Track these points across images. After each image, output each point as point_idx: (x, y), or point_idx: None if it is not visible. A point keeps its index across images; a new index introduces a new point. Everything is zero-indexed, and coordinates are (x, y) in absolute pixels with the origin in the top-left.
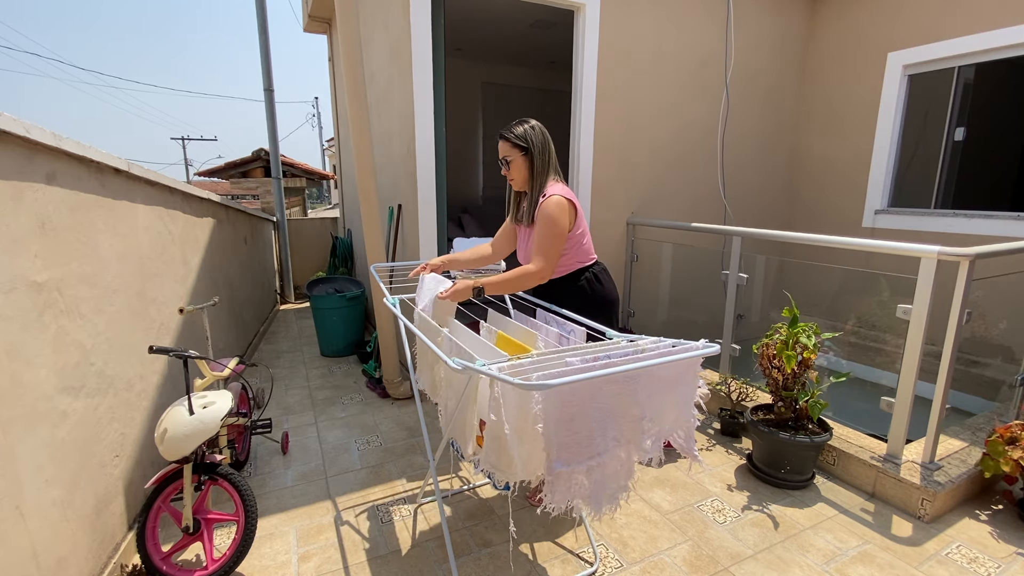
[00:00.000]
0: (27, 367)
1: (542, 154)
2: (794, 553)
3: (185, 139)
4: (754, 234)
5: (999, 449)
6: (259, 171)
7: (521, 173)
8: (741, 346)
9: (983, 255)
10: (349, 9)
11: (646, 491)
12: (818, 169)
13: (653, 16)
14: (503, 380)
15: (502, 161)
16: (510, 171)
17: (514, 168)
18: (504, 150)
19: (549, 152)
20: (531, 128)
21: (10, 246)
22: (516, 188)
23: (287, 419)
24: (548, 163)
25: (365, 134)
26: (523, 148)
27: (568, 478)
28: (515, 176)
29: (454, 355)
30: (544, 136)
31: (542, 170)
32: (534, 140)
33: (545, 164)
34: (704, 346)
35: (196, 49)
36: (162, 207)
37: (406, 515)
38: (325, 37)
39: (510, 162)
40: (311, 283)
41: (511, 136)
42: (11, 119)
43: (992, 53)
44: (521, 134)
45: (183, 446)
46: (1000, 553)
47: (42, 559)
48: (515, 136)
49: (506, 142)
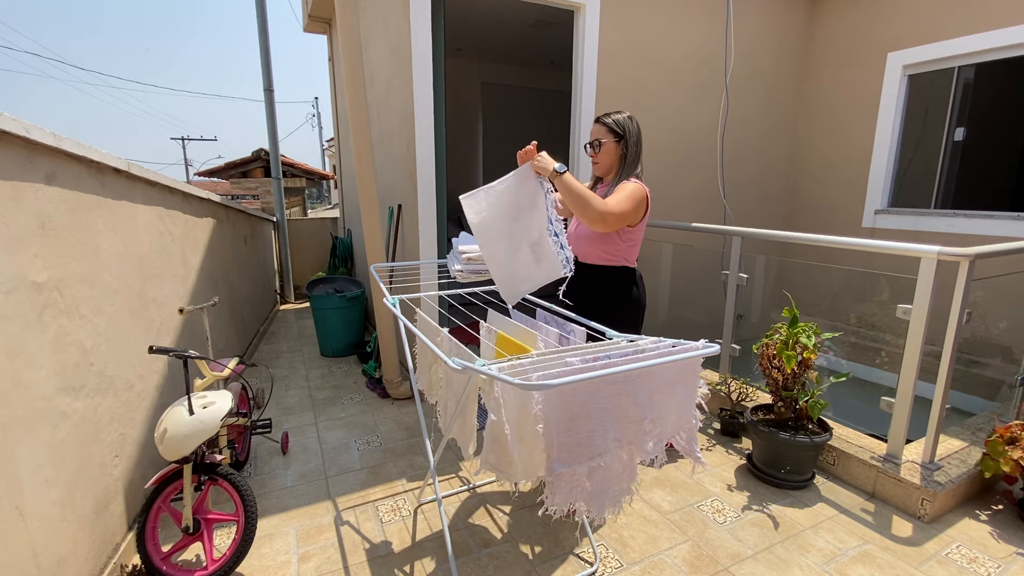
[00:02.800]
0: (27, 367)
1: (635, 145)
2: (794, 553)
3: (185, 139)
4: (754, 234)
5: (999, 449)
6: (259, 171)
7: (609, 158)
8: (741, 346)
9: (983, 255)
10: (349, 9)
11: (646, 491)
12: (818, 169)
13: (653, 16)
14: (503, 380)
15: (592, 144)
16: (598, 154)
17: (603, 152)
18: (598, 132)
19: (640, 146)
20: (628, 118)
21: (10, 246)
22: (598, 173)
23: (287, 419)
24: (637, 157)
25: (365, 134)
26: (618, 135)
27: (569, 479)
28: (601, 160)
29: (453, 355)
30: (639, 130)
31: (632, 161)
32: (630, 130)
33: (636, 156)
34: (704, 346)
35: (196, 49)
36: (162, 207)
37: (406, 515)
38: (325, 37)
39: (602, 144)
40: (311, 283)
41: (608, 120)
42: (11, 119)
43: (992, 53)
44: (620, 121)
45: (183, 446)
46: (1000, 553)
47: (42, 559)
48: (612, 121)
49: (602, 125)
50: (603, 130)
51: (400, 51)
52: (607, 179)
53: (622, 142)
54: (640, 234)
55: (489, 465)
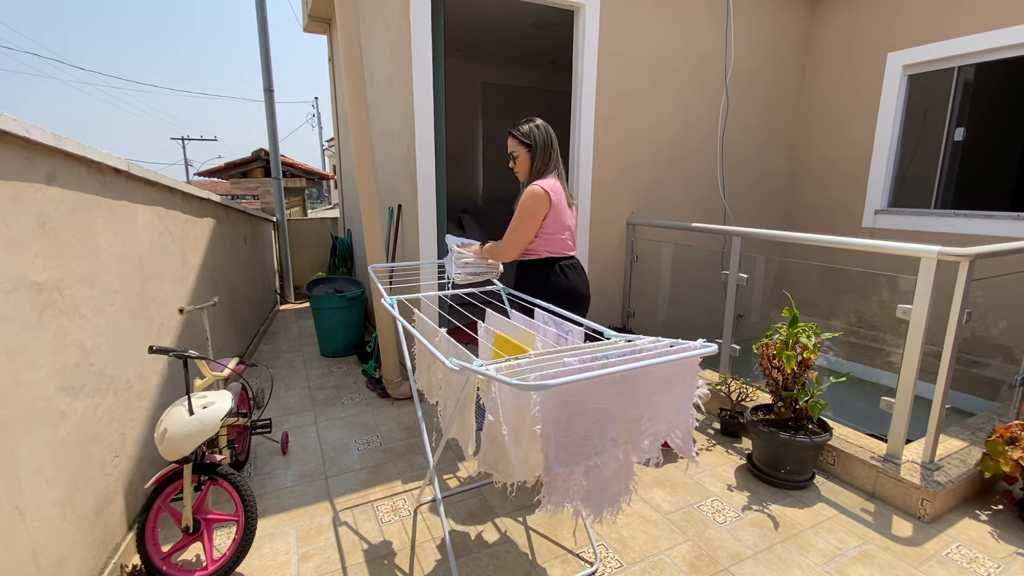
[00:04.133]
0: (27, 367)
1: (543, 150)
2: (794, 553)
3: (185, 139)
4: (754, 234)
5: (999, 449)
6: (259, 171)
7: (524, 166)
8: (741, 346)
9: (983, 255)
10: (349, 9)
11: (646, 491)
12: (818, 169)
13: (653, 16)
14: (501, 381)
15: (510, 155)
16: (516, 165)
17: (519, 163)
18: (511, 146)
19: (551, 150)
20: (536, 127)
21: (10, 246)
22: (520, 179)
23: (287, 419)
24: (548, 160)
25: (365, 134)
26: (527, 145)
27: (566, 479)
28: (520, 169)
29: (452, 356)
30: (547, 134)
31: (540, 167)
32: (536, 138)
33: (544, 161)
34: (702, 346)
35: (196, 49)
36: (162, 207)
37: (406, 515)
38: (325, 37)
39: (516, 157)
40: (311, 283)
41: (517, 133)
42: (11, 119)
43: (992, 53)
44: (526, 132)
45: (183, 446)
46: (1000, 553)
47: (42, 559)
48: (520, 133)
49: (513, 139)
50: (514, 143)
51: (400, 51)
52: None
53: (531, 150)
54: (552, 227)
55: (487, 465)
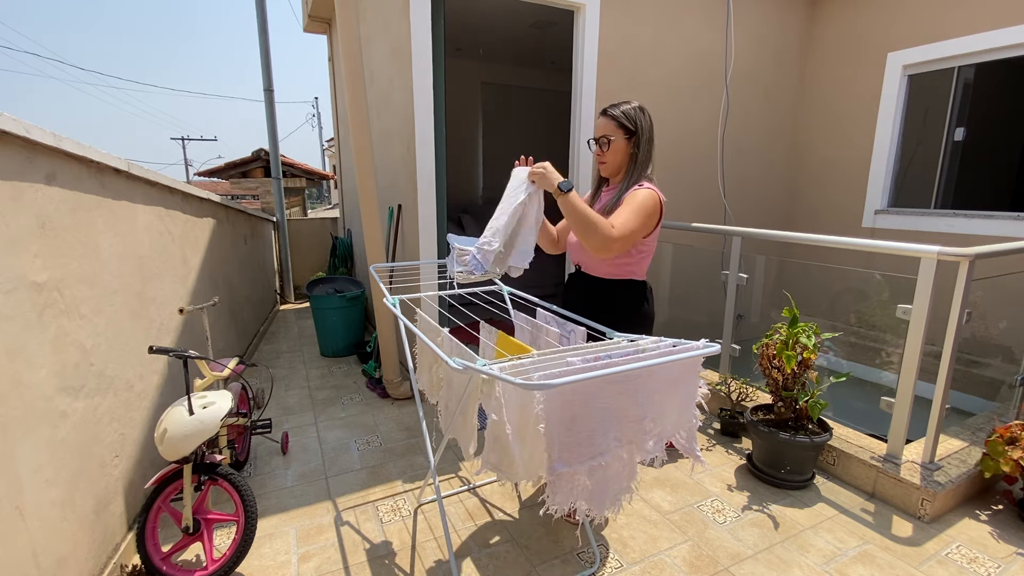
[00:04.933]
0: (27, 367)
1: (648, 141)
2: (794, 553)
3: (185, 139)
4: (754, 234)
5: (999, 449)
6: (259, 171)
7: (618, 157)
8: (741, 346)
9: (983, 255)
10: (349, 9)
11: (646, 491)
12: (818, 169)
13: (653, 16)
14: (505, 380)
15: (599, 140)
16: (606, 153)
17: (612, 151)
18: (606, 128)
19: (653, 143)
20: (640, 110)
21: (10, 246)
22: (605, 174)
23: (287, 419)
24: (650, 154)
25: (365, 134)
26: (629, 130)
27: (570, 479)
28: (609, 160)
29: (454, 355)
30: (652, 124)
31: (644, 160)
32: (643, 124)
33: (647, 154)
34: (704, 346)
35: (196, 49)
36: (162, 207)
37: (406, 515)
38: (325, 37)
39: (611, 142)
40: (311, 283)
41: (618, 114)
42: (11, 119)
43: (992, 53)
44: (630, 113)
45: (183, 446)
46: (1000, 553)
47: (42, 559)
48: (622, 114)
49: (610, 120)
50: (612, 125)
51: (400, 51)
52: (614, 180)
53: (633, 139)
54: (652, 245)
55: (490, 465)
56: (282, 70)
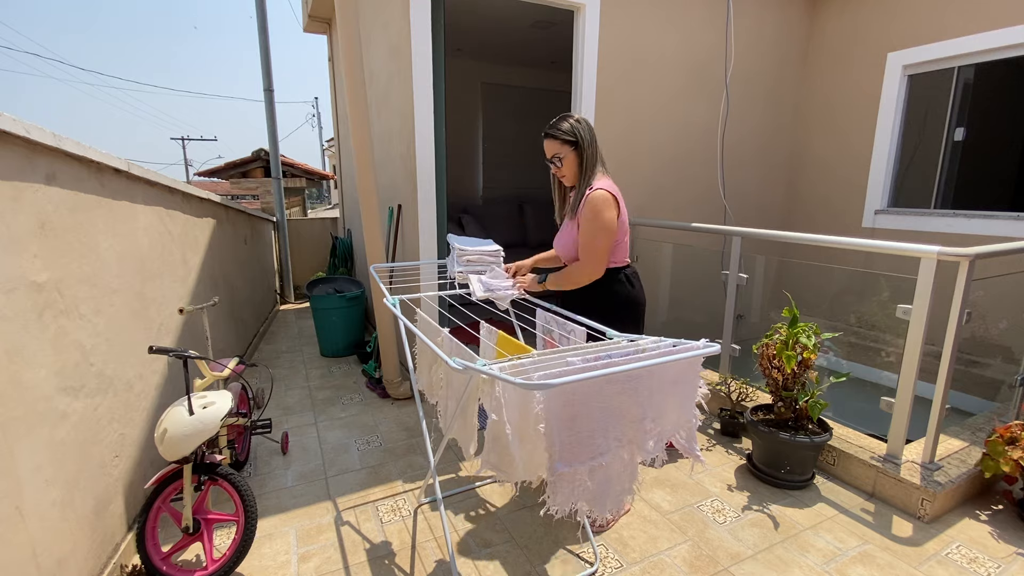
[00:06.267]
0: (27, 367)
1: (590, 146)
2: (794, 553)
3: (185, 139)
4: (754, 234)
5: (999, 449)
6: (259, 171)
7: (572, 168)
8: (741, 346)
9: (983, 255)
10: (349, 9)
11: (646, 491)
12: (818, 169)
13: (653, 16)
14: (505, 380)
15: (552, 160)
16: (561, 168)
17: (566, 164)
18: (553, 148)
19: (596, 143)
20: (577, 122)
21: (10, 246)
22: (568, 183)
23: (287, 419)
24: (596, 155)
25: (365, 134)
26: (572, 143)
27: (571, 479)
28: (567, 172)
29: (454, 355)
30: (591, 128)
31: (591, 163)
32: (582, 134)
33: (593, 156)
34: (704, 346)
35: (196, 49)
36: (162, 207)
37: (406, 515)
38: (325, 37)
39: (562, 159)
40: (311, 283)
41: (559, 133)
42: (11, 119)
43: (992, 53)
44: (569, 129)
45: (183, 446)
46: (1000, 553)
47: (42, 559)
48: (563, 132)
49: (554, 140)
50: (556, 144)
51: (400, 51)
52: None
53: (578, 148)
54: (623, 233)
55: (490, 465)
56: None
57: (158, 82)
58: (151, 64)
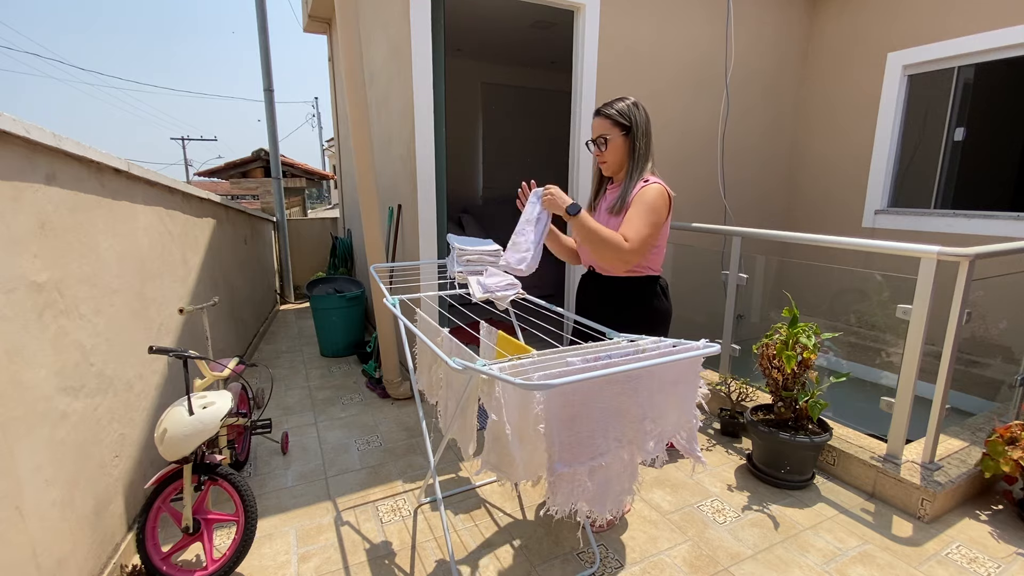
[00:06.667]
0: (27, 367)
1: (645, 135)
2: (794, 553)
3: (185, 139)
4: (754, 234)
5: (999, 449)
6: (259, 171)
7: (618, 155)
8: (741, 346)
9: (983, 255)
10: (349, 9)
11: (646, 491)
12: (818, 169)
13: (653, 16)
14: (505, 380)
15: (597, 141)
16: (605, 152)
17: (611, 149)
18: (602, 128)
19: (651, 135)
20: (634, 105)
21: (10, 246)
22: (607, 173)
23: (287, 419)
24: (648, 148)
25: (365, 134)
26: (624, 127)
27: (571, 479)
28: (609, 159)
29: (454, 355)
30: (647, 116)
31: (644, 154)
32: (638, 119)
33: (646, 148)
34: (704, 346)
35: (196, 49)
36: (162, 207)
37: (406, 515)
38: (325, 37)
39: (608, 141)
40: (311, 283)
41: (612, 112)
42: (11, 119)
43: (992, 53)
44: (624, 111)
45: (183, 446)
46: (1000, 553)
47: (42, 559)
48: (617, 112)
49: (605, 119)
50: (607, 124)
51: (400, 51)
52: (617, 178)
53: (630, 134)
54: (664, 239)
55: (490, 465)
56: (282, 70)
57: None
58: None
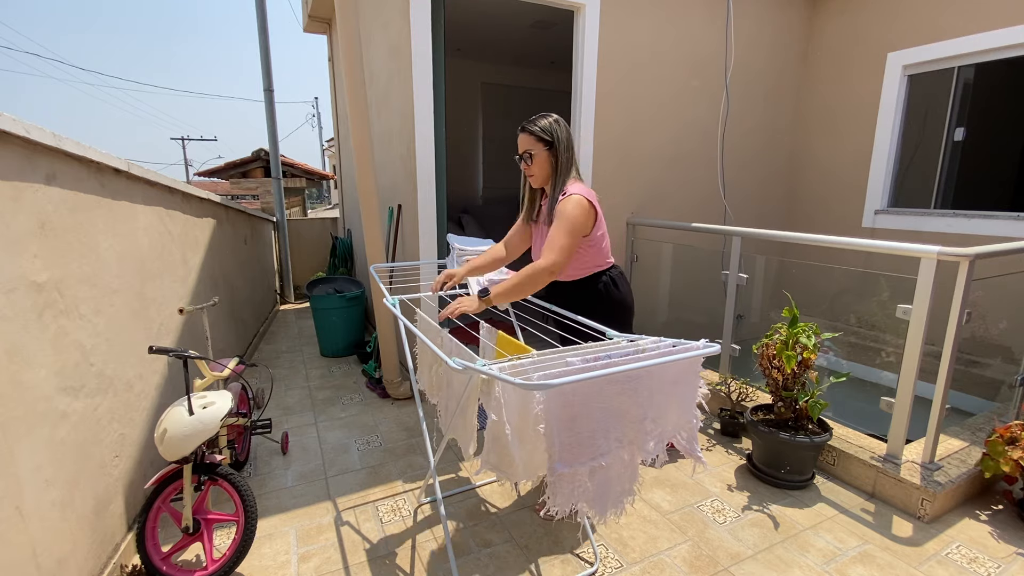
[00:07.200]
0: (27, 367)
1: (567, 150)
2: (794, 553)
3: (185, 139)
4: (754, 234)
5: (999, 449)
6: (259, 171)
7: (543, 169)
8: (741, 346)
9: (983, 255)
10: (349, 9)
11: (646, 491)
12: (818, 169)
13: (653, 16)
14: (505, 380)
15: (523, 156)
16: (531, 167)
17: (536, 164)
18: (526, 144)
19: (572, 149)
20: (555, 122)
21: (10, 246)
22: (535, 185)
23: (287, 419)
24: (571, 160)
25: (365, 134)
26: (547, 142)
27: (571, 479)
28: (536, 172)
29: (454, 355)
30: (569, 131)
31: (565, 167)
32: (559, 135)
33: (569, 161)
34: (704, 346)
35: (196, 49)
36: (162, 207)
37: (406, 515)
38: (325, 37)
39: (532, 156)
40: (311, 283)
41: (535, 129)
42: (11, 119)
43: (992, 53)
44: (546, 127)
45: (183, 446)
46: (1000, 553)
47: (42, 559)
48: (540, 129)
49: (529, 135)
50: (530, 140)
51: (400, 51)
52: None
53: (553, 149)
54: (600, 238)
55: (490, 465)
56: (282, 70)
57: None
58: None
